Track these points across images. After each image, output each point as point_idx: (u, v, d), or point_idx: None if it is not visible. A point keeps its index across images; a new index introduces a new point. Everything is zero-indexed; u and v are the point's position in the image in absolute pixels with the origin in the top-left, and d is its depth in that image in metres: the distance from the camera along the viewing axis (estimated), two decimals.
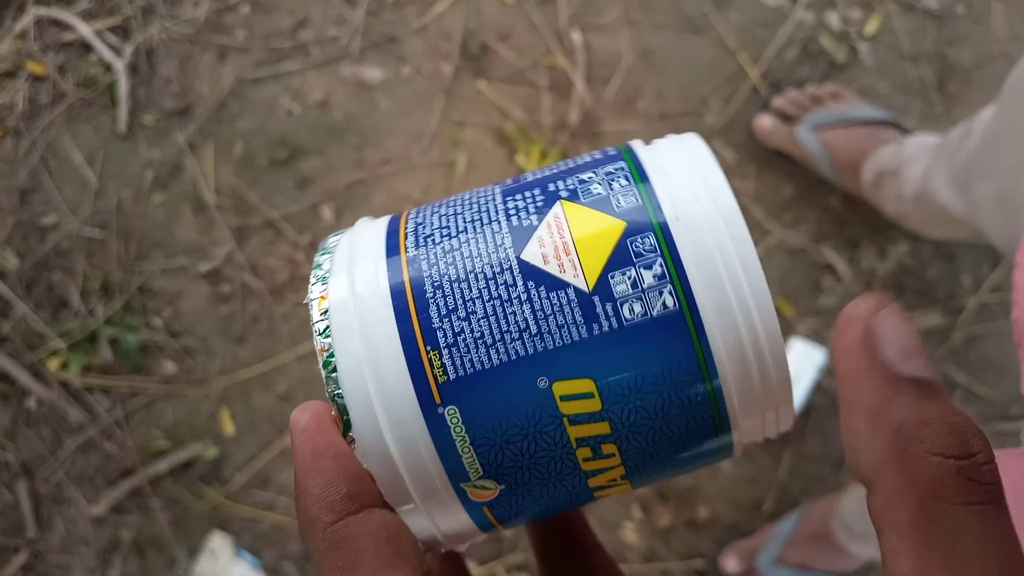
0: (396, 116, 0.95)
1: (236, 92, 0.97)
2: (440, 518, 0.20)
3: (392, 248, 0.20)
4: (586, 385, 0.18)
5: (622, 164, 0.20)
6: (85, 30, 0.98)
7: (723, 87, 0.93)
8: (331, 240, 0.22)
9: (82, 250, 0.97)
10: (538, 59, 0.94)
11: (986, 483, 0.14)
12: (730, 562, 0.86)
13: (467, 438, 0.19)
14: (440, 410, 0.18)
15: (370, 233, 0.21)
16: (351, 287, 0.19)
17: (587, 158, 0.22)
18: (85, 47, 0.99)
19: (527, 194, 0.20)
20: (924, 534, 0.14)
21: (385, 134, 0.95)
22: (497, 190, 0.21)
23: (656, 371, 0.18)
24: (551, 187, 0.20)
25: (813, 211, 0.91)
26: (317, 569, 0.18)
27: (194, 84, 0.97)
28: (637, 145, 0.22)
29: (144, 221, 0.96)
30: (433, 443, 0.19)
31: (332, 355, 0.19)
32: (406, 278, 0.19)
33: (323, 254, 0.21)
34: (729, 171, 0.91)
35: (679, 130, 0.91)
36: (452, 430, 0.18)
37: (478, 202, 0.21)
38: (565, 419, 0.18)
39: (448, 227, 0.20)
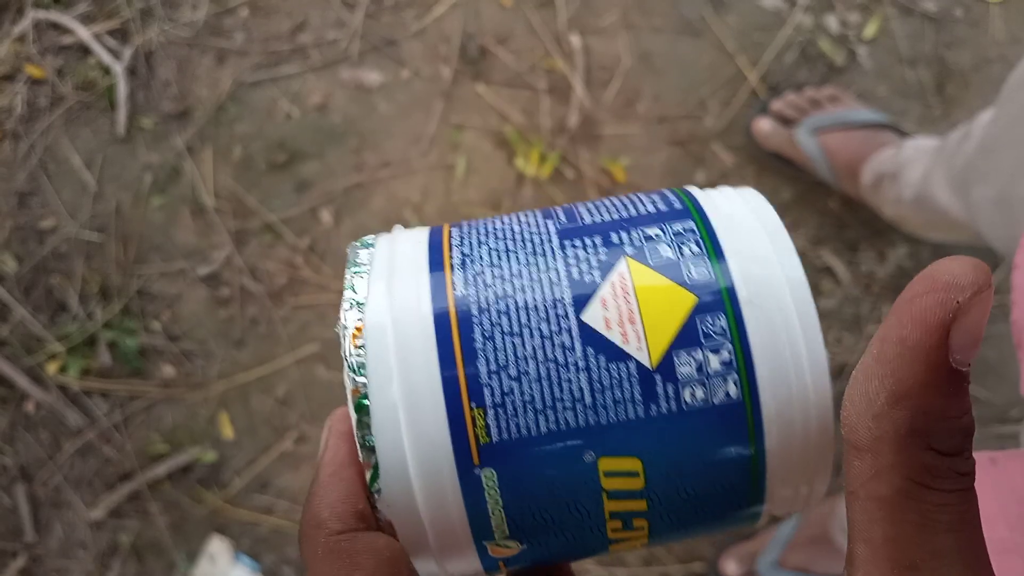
0: (395, 119, 0.95)
1: (235, 95, 0.96)
2: (452, 565, 0.19)
3: (438, 283, 0.18)
4: (633, 464, 0.17)
5: (691, 224, 0.19)
6: (84, 33, 0.98)
7: (722, 90, 0.92)
8: (363, 255, 0.20)
9: (81, 253, 0.96)
10: (537, 62, 0.94)
11: (965, 472, 0.15)
12: (730, 565, 0.85)
13: (500, 502, 0.18)
14: (477, 471, 0.17)
15: (410, 255, 0.19)
16: (392, 322, 0.18)
17: (648, 205, 0.20)
18: (83, 50, 0.99)
19: (587, 241, 0.19)
20: (904, 510, 0.14)
21: (384, 137, 0.95)
22: (551, 229, 0.19)
23: (706, 458, 0.17)
24: (614, 238, 0.19)
25: (812, 214, 0.91)
26: (307, 570, 0.17)
27: (193, 87, 0.97)
28: (701, 198, 0.20)
29: (143, 224, 0.96)
30: (464, 503, 0.18)
31: (366, 398, 0.17)
32: (453, 323, 0.17)
33: (357, 273, 0.19)
34: (728, 174, 0.91)
35: (678, 134, 0.92)
36: (486, 492, 0.17)
37: (532, 240, 0.19)
38: (604, 493, 0.18)
39: (500, 266, 0.18)
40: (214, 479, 0.93)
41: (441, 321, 0.18)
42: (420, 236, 0.20)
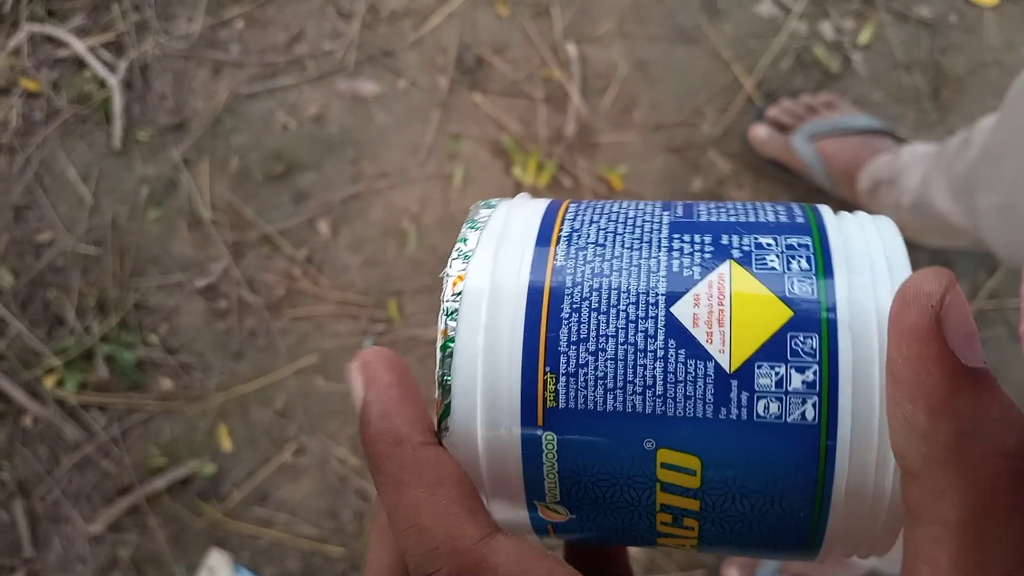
0: (392, 129, 0.94)
1: (231, 107, 0.95)
2: (503, 513, 0.19)
3: (541, 251, 0.19)
4: (692, 461, 0.17)
5: (808, 240, 0.18)
6: (79, 46, 0.97)
7: (718, 97, 0.92)
8: (482, 213, 0.20)
9: (77, 267, 0.95)
10: (533, 71, 0.93)
11: None
12: (731, 573, 0.84)
13: (556, 467, 0.18)
14: (539, 432, 0.18)
15: (524, 223, 0.19)
16: (491, 278, 0.18)
17: (771, 214, 0.19)
18: (79, 63, 0.98)
19: (697, 237, 0.18)
20: (973, 531, 0.13)
21: (381, 147, 0.94)
22: (666, 218, 0.19)
23: (768, 475, 0.17)
24: (723, 239, 0.18)
25: None
26: (389, 490, 0.17)
27: (189, 99, 0.96)
28: (828, 218, 0.19)
29: (139, 237, 0.95)
30: (522, 460, 0.18)
31: (452, 340, 0.18)
32: (546, 289, 0.18)
33: (472, 228, 0.19)
34: (725, 181, 0.90)
35: (674, 141, 0.91)
36: (544, 454, 0.18)
37: (642, 226, 0.19)
38: (658, 484, 0.17)
39: (604, 245, 0.18)
40: (213, 492, 0.92)
41: (534, 290, 0.18)
42: (538, 208, 0.20)
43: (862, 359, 0.16)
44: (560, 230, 0.19)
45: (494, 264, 0.18)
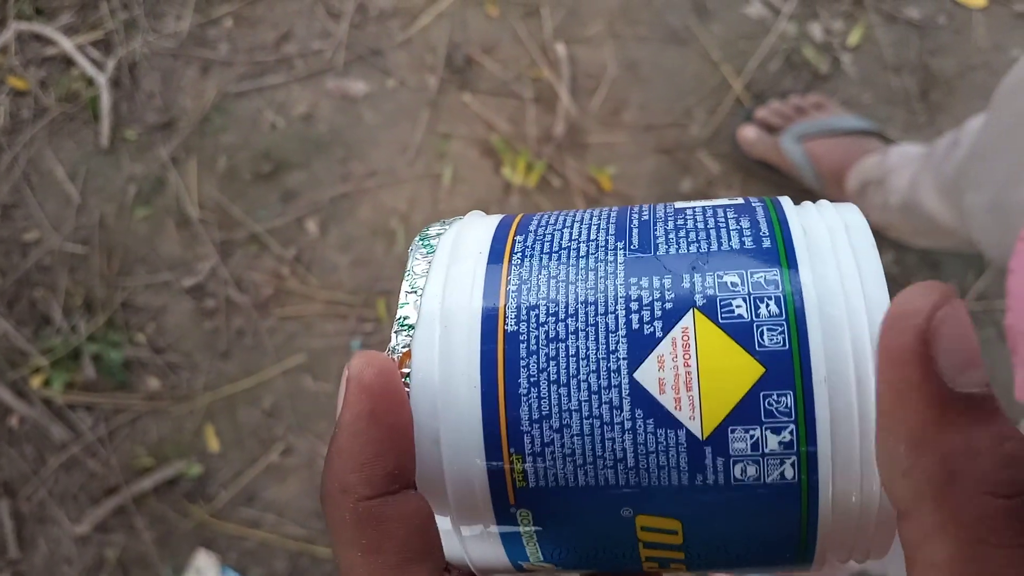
0: (381, 129, 0.92)
1: (219, 106, 0.94)
2: (481, 559, 0.18)
3: (490, 311, 0.17)
4: (672, 524, 0.16)
5: (776, 275, 0.16)
6: (67, 45, 0.95)
7: (707, 98, 0.90)
8: (418, 265, 0.18)
9: (64, 266, 0.93)
10: (523, 71, 0.92)
11: None
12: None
13: (534, 536, 0.17)
14: (512, 509, 0.17)
15: (469, 280, 0.17)
16: (439, 362, 0.16)
17: (735, 235, 0.17)
18: (67, 62, 0.96)
19: (656, 281, 0.16)
20: (964, 573, 0.12)
21: (370, 147, 0.92)
22: (620, 255, 0.17)
23: (752, 532, 0.16)
24: (685, 281, 0.16)
25: None
26: (333, 538, 0.16)
27: (177, 98, 0.94)
28: (797, 236, 0.17)
29: (127, 236, 0.93)
30: (500, 536, 0.17)
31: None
32: (500, 362, 0.16)
33: (412, 291, 0.17)
34: (714, 182, 0.89)
35: (664, 142, 0.90)
36: (521, 527, 0.17)
37: (595, 269, 0.17)
38: (641, 543, 0.17)
39: (556, 302, 0.16)
40: (200, 492, 0.90)
41: (488, 365, 0.16)
42: (483, 248, 0.18)
43: (840, 412, 0.15)
44: (507, 285, 0.17)
45: (442, 345, 0.17)
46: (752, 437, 0.15)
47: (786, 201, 0.18)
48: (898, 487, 0.13)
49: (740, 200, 0.18)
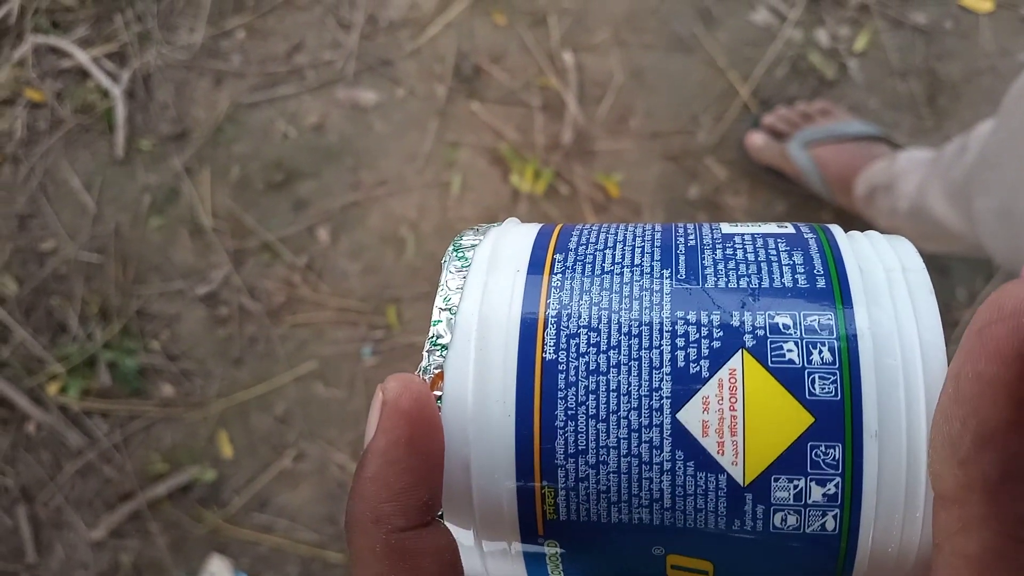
0: (391, 138, 0.92)
1: (232, 116, 0.94)
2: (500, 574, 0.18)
3: (527, 335, 0.16)
4: (704, 564, 0.16)
5: (830, 319, 0.15)
6: (82, 57, 0.96)
7: (714, 105, 0.90)
8: (452, 280, 0.17)
9: (80, 275, 0.94)
10: (530, 80, 0.92)
11: None
12: None
13: (560, 567, 0.16)
14: (540, 540, 0.16)
15: (506, 306, 0.16)
16: (473, 387, 0.16)
17: (787, 271, 0.16)
18: (82, 74, 0.96)
19: (704, 316, 0.15)
20: (993, 568, 0.13)
21: (380, 156, 0.92)
22: (667, 285, 0.16)
23: (784, 574, 0.16)
24: (734, 319, 0.15)
25: None
26: (357, 568, 0.15)
27: (190, 109, 0.95)
28: (852, 276, 0.16)
29: (142, 245, 0.93)
30: (525, 564, 0.17)
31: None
32: (537, 391, 0.15)
33: (447, 311, 0.16)
34: (721, 188, 0.89)
35: (671, 149, 0.89)
36: (548, 557, 0.16)
37: (640, 299, 0.16)
38: (669, 569, 0.16)
39: (598, 331, 0.15)
40: (213, 498, 0.90)
41: (524, 394, 0.15)
42: (519, 281, 0.17)
43: (888, 468, 0.14)
44: (546, 311, 0.16)
45: (476, 369, 0.16)
46: (796, 487, 0.15)
47: (838, 232, 0.17)
48: (949, 474, 0.13)
49: (791, 229, 0.17)
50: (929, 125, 0.88)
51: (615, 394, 0.15)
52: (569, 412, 0.15)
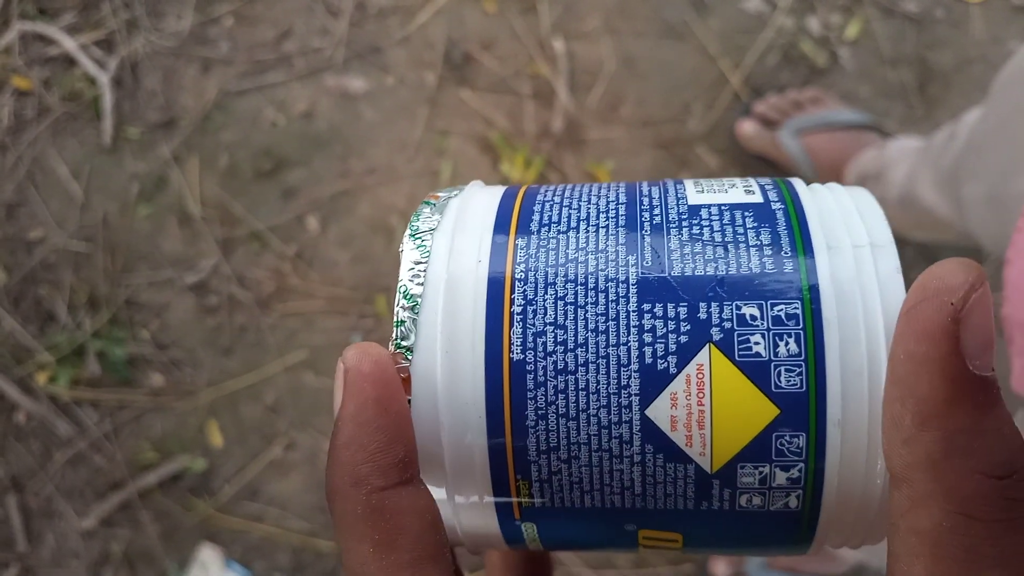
0: (380, 126, 0.91)
1: (220, 104, 0.93)
2: (473, 531, 0.18)
3: (494, 337, 0.15)
4: (674, 535, 0.16)
5: (798, 308, 0.15)
6: (70, 44, 0.94)
7: (705, 93, 0.89)
8: (411, 277, 0.16)
9: (69, 264, 0.93)
10: (521, 68, 0.91)
11: (1016, 498, 0.13)
12: (719, 567, 0.82)
13: (537, 540, 0.17)
14: (517, 522, 0.17)
15: (474, 284, 0.16)
16: (442, 387, 0.15)
17: (754, 252, 0.15)
18: (70, 61, 0.95)
19: (671, 309, 0.15)
20: (946, 545, 0.13)
21: (369, 144, 0.91)
22: (631, 275, 0.15)
23: (749, 539, 0.16)
24: (702, 311, 0.15)
25: None
26: (341, 535, 0.15)
27: (178, 97, 0.93)
28: (818, 248, 0.15)
29: (130, 234, 0.92)
30: (502, 535, 0.17)
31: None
32: (506, 394, 0.15)
33: (412, 311, 0.16)
34: (712, 177, 0.88)
35: (662, 137, 0.88)
36: (524, 534, 0.17)
37: (606, 291, 0.15)
38: (641, 547, 0.17)
39: (565, 328, 0.15)
40: (204, 487, 0.89)
41: (493, 393, 0.15)
42: (483, 271, 0.16)
43: (850, 451, 0.15)
44: (511, 306, 0.15)
45: (443, 374, 0.15)
46: (761, 473, 0.15)
47: (803, 193, 0.17)
48: (896, 454, 0.13)
49: (758, 195, 0.17)
50: (920, 114, 0.87)
51: (584, 393, 0.15)
52: (539, 412, 0.15)
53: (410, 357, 0.15)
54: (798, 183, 0.17)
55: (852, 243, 0.16)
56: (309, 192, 0.91)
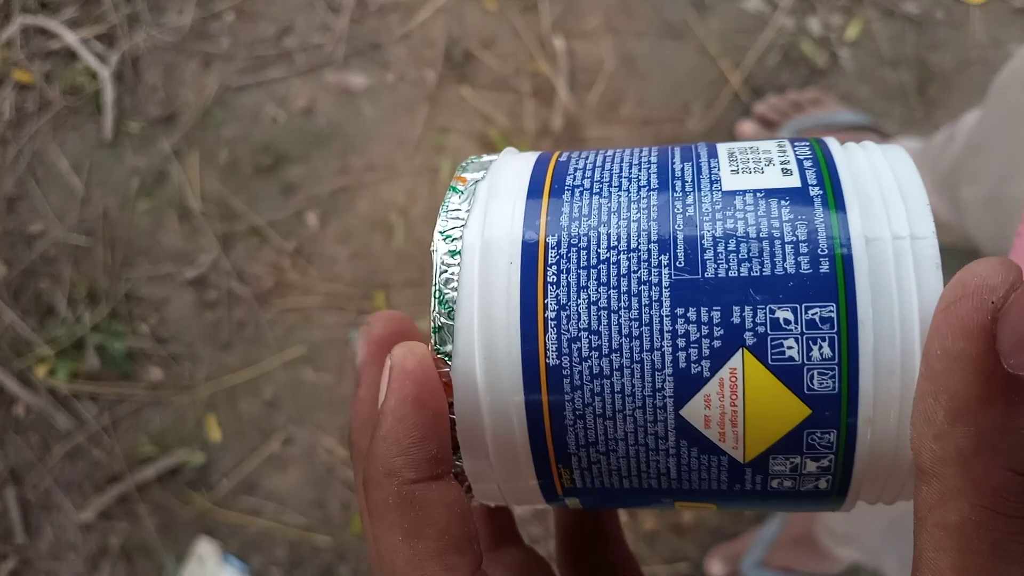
0: (380, 123, 0.91)
1: (221, 99, 0.92)
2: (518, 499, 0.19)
3: (529, 344, 0.15)
4: (708, 506, 0.17)
5: (832, 311, 0.14)
6: (71, 38, 0.94)
7: (705, 93, 0.89)
8: (445, 276, 0.16)
9: (69, 257, 0.92)
10: (521, 66, 0.90)
11: None
12: (715, 565, 0.82)
13: (580, 505, 0.18)
14: (560, 497, 0.18)
15: (506, 287, 0.16)
16: (482, 389, 0.16)
17: (790, 254, 0.15)
18: (71, 55, 0.95)
19: (704, 314, 0.15)
20: (973, 539, 0.13)
21: (369, 141, 0.91)
22: (664, 279, 0.15)
23: (782, 508, 0.17)
24: (735, 315, 0.15)
25: None
26: (373, 523, 0.16)
27: (179, 92, 0.93)
28: (858, 252, 0.15)
29: (130, 228, 0.92)
30: (545, 501, 0.18)
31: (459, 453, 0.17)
32: (544, 396, 0.16)
33: (446, 308, 0.16)
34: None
35: (661, 136, 0.88)
36: (567, 503, 0.18)
37: (639, 295, 0.15)
38: (677, 507, 0.18)
39: (599, 333, 0.15)
40: (202, 481, 0.89)
41: (531, 393, 0.16)
42: (513, 254, 0.16)
43: (879, 448, 0.15)
44: (544, 312, 0.15)
45: (482, 378, 0.16)
46: (792, 463, 0.15)
47: (843, 174, 0.16)
48: (926, 448, 0.13)
49: (796, 180, 0.16)
50: (919, 115, 0.87)
51: (619, 395, 0.15)
52: (577, 413, 0.16)
53: (449, 362, 0.16)
54: (834, 147, 0.17)
55: (892, 234, 0.15)
56: (309, 188, 0.91)
